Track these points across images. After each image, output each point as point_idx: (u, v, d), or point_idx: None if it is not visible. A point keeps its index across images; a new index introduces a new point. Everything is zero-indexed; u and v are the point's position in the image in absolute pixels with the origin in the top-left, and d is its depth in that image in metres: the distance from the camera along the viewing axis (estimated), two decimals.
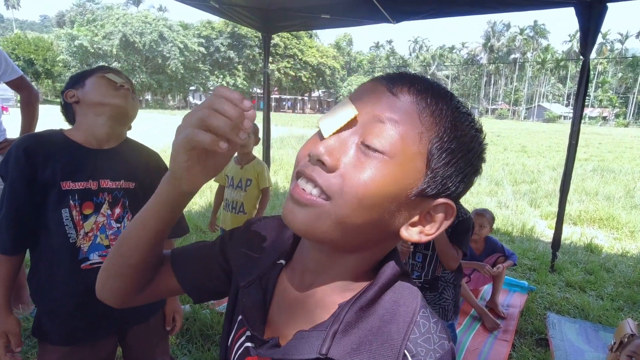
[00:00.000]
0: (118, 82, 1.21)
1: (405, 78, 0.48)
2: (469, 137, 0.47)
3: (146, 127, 17.97)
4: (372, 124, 0.45)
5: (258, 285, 0.56)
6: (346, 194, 0.44)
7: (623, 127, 54.83)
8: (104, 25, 40.87)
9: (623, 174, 9.97)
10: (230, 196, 2.76)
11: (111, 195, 1.20)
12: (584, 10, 3.28)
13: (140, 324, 1.31)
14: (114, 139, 1.25)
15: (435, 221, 0.48)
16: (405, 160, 0.44)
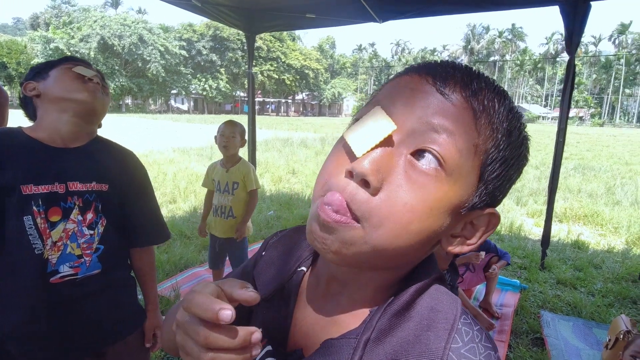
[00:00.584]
0: (87, 76, 1.08)
1: (455, 72, 0.41)
2: (520, 142, 0.42)
3: (127, 132, 17.58)
4: (423, 134, 0.38)
5: (279, 296, 0.52)
6: (388, 220, 0.38)
7: (598, 126, 56.65)
8: (80, 27, 39.85)
9: (603, 172, 10.22)
10: (218, 201, 2.65)
11: (81, 198, 1.07)
12: (568, 9, 3.31)
13: (118, 342, 1.19)
14: (82, 137, 1.12)
15: (477, 231, 0.44)
16: (460, 176, 0.39)
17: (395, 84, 0.43)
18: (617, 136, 29.71)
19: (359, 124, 0.40)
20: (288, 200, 5.93)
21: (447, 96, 0.39)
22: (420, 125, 0.38)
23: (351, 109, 76.20)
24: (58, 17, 43.21)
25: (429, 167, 0.38)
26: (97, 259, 1.11)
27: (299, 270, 0.53)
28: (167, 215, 4.93)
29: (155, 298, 1.31)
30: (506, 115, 0.40)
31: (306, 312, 0.50)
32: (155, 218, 1.28)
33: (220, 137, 2.59)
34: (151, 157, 9.63)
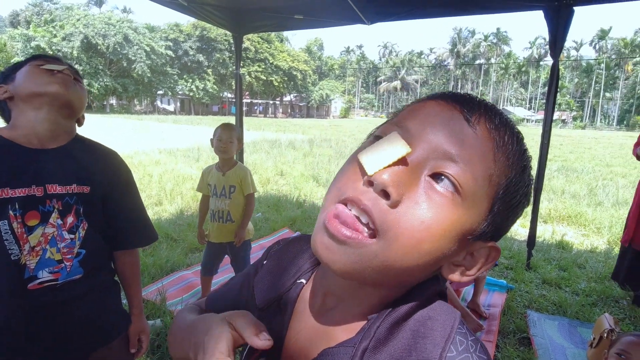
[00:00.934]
0: (56, 69, 1.04)
1: (480, 105, 0.43)
2: (527, 182, 0.44)
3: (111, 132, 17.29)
4: (444, 158, 0.40)
5: (277, 306, 0.53)
6: (402, 235, 0.38)
7: (580, 129, 58.07)
8: (63, 26, 39.01)
9: (585, 173, 10.45)
10: (215, 206, 2.59)
11: (61, 202, 1.03)
12: (552, 13, 3.37)
13: (102, 348, 1.15)
14: (61, 136, 1.07)
15: (476, 262, 0.45)
16: (474, 203, 0.40)
17: (420, 107, 0.44)
18: (598, 138, 30.48)
19: (374, 146, 0.40)
20: (276, 202, 5.90)
21: (472, 125, 0.40)
22: (442, 150, 0.40)
23: (339, 110, 76.41)
24: (39, 14, 42.20)
25: (446, 190, 0.39)
26: (79, 264, 1.07)
27: (299, 282, 0.53)
28: (153, 217, 4.85)
29: (140, 302, 1.28)
30: (521, 154, 0.43)
31: (301, 324, 0.51)
32: (141, 219, 1.24)
33: (218, 142, 2.55)
34: (136, 159, 9.47)
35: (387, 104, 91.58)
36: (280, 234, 4.53)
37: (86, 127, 1.25)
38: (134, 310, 1.26)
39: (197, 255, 3.75)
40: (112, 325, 1.18)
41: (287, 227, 4.75)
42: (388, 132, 0.42)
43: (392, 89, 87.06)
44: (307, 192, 6.79)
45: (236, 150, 2.61)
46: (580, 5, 3.32)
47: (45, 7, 43.36)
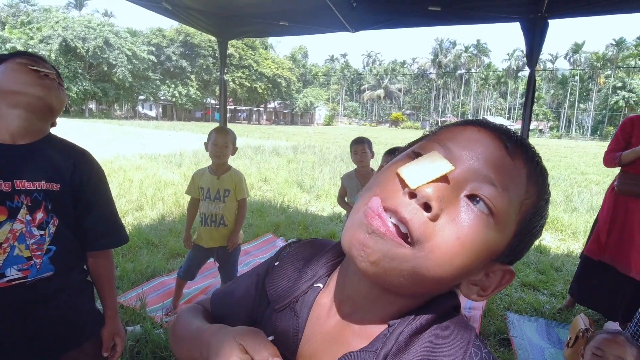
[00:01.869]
0: (43, 71, 1.04)
1: (517, 137, 0.46)
2: (547, 214, 0.48)
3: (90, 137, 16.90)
4: (482, 181, 0.42)
5: (292, 309, 0.53)
6: (438, 248, 0.40)
7: (557, 138, 60.03)
8: (40, 28, 37.98)
9: (562, 181, 10.79)
10: (207, 209, 2.56)
11: (29, 197, 1.01)
12: (528, 25, 3.50)
13: (74, 349, 1.11)
14: (32, 134, 1.06)
15: (492, 284, 0.47)
16: (505, 226, 0.43)
17: (461, 130, 0.46)
18: (574, 148, 31.56)
19: (416, 162, 0.42)
20: (260, 207, 5.87)
21: (510, 154, 0.43)
22: (482, 173, 0.42)
23: (323, 118, 76.76)
24: (15, 16, 40.96)
25: (482, 211, 0.41)
26: (49, 261, 1.04)
27: (315, 286, 0.54)
28: (133, 222, 4.75)
29: (114, 305, 1.25)
30: (546, 187, 0.46)
31: (317, 328, 0.51)
32: (112, 220, 1.22)
33: (214, 147, 2.52)
34: (116, 163, 9.27)
35: (370, 112, 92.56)
36: (264, 239, 4.50)
37: (64, 131, 1.23)
38: (108, 312, 1.23)
39: (179, 261, 3.69)
40: (84, 326, 1.15)
41: (271, 232, 4.73)
42: (429, 149, 0.44)
43: (376, 97, 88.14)
44: (290, 198, 6.77)
45: (231, 154, 2.61)
46: (554, 18, 3.46)
47: (22, 9, 42.17)
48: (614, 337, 1.58)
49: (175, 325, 0.64)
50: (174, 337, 0.63)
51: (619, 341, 1.55)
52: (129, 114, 51.48)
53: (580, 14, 3.52)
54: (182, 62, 48.70)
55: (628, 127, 2.86)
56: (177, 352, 0.61)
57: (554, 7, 3.37)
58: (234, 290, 0.65)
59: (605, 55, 67.51)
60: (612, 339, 1.57)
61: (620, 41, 65.26)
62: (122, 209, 5.33)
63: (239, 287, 0.65)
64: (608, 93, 64.06)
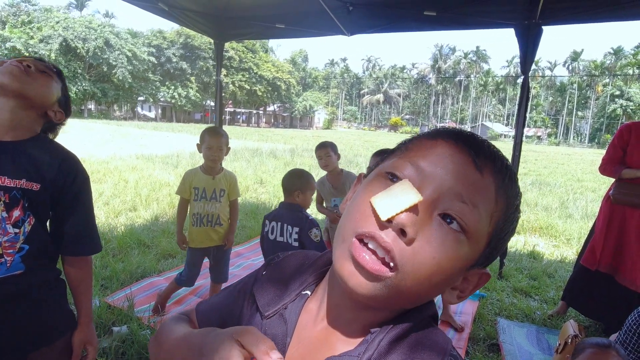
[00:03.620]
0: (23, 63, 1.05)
1: (486, 149, 0.47)
2: (518, 216, 0.49)
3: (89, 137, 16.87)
4: (453, 200, 0.43)
5: (281, 316, 0.55)
6: (416, 270, 0.43)
7: (555, 145, 60.25)
8: (41, 28, 37.99)
9: (557, 187, 10.81)
10: (202, 209, 2.56)
11: (8, 194, 1.01)
12: (522, 31, 3.52)
13: (44, 347, 1.09)
14: (19, 130, 1.06)
15: (470, 286, 0.50)
16: (477, 240, 0.45)
17: (431, 146, 0.47)
18: (571, 155, 31.63)
19: (387, 192, 0.43)
20: (254, 209, 5.85)
21: (479, 169, 0.45)
22: (453, 192, 0.43)
23: (322, 121, 76.89)
24: (16, 15, 40.97)
25: (454, 229, 0.43)
26: (20, 259, 1.03)
27: (303, 293, 0.56)
28: (126, 223, 4.73)
29: (89, 311, 1.22)
30: (516, 194, 0.48)
31: (304, 333, 0.53)
32: (88, 228, 1.21)
33: (208, 151, 2.52)
34: (112, 164, 9.26)
35: (369, 117, 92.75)
36: (257, 241, 4.48)
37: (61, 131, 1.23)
38: (82, 319, 1.21)
39: (170, 262, 3.67)
40: (54, 325, 1.14)
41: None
42: (401, 169, 0.46)
43: (375, 101, 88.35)
44: None
45: (225, 155, 2.62)
46: (548, 24, 3.48)
47: (22, 8, 42.18)
48: (603, 350, 1.54)
49: (159, 335, 0.62)
50: (157, 347, 0.61)
51: (610, 355, 1.51)
52: (128, 115, 51.45)
53: (575, 21, 3.54)
54: (182, 64, 48.78)
55: (625, 134, 2.84)
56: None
57: (548, 14, 3.39)
58: (220, 300, 0.67)
59: (604, 63, 67.93)
60: (601, 352, 1.53)
61: (618, 50, 65.69)
62: (116, 209, 5.31)
63: (226, 296, 0.66)
64: (606, 101, 64.39)
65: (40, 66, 1.11)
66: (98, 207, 5.33)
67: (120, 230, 4.38)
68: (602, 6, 3.19)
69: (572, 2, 3.33)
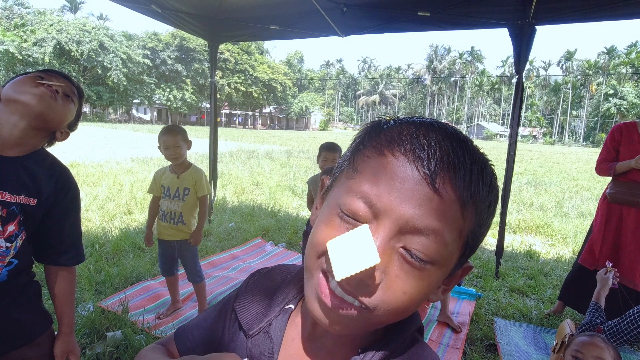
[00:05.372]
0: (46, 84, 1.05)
1: (443, 158, 0.40)
2: (494, 208, 0.46)
3: (84, 140, 16.77)
4: (413, 231, 0.40)
5: (266, 333, 0.53)
6: (389, 306, 0.42)
7: (550, 144, 60.60)
8: (34, 31, 37.73)
9: (553, 186, 10.85)
10: (167, 207, 2.60)
11: (6, 209, 1.01)
12: (516, 31, 3.53)
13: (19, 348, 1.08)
14: (23, 146, 1.07)
15: (454, 279, 0.49)
16: (446, 261, 0.43)
17: (382, 168, 0.41)
18: (566, 154, 31.80)
19: (344, 239, 0.39)
20: (250, 211, 5.83)
21: (438, 191, 0.39)
22: (410, 226, 0.40)
23: (318, 123, 76.92)
24: (9, 18, 40.70)
25: (417, 262, 0.40)
26: (7, 273, 1.03)
27: (287, 307, 0.54)
28: (121, 226, 4.69)
29: (72, 321, 1.22)
30: (487, 192, 0.43)
31: (292, 348, 0.52)
32: (75, 239, 1.23)
33: (165, 150, 2.53)
34: (107, 167, 9.20)
35: (366, 117, 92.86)
36: (253, 243, 4.46)
37: None
38: (64, 328, 1.20)
39: None
40: (29, 325, 1.13)
41: (260, 236, 4.69)
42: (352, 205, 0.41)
43: (371, 102, 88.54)
44: (282, 202, 6.74)
45: (186, 151, 2.61)
46: (541, 24, 3.49)
47: (15, 11, 41.94)
48: (593, 339, 1.59)
49: None
50: None
51: (597, 343, 1.57)
52: (124, 118, 51.23)
53: (568, 21, 3.54)
54: (177, 66, 48.64)
55: (617, 135, 2.87)
56: None
57: (541, 14, 3.40)
58: (201, 320, 0.65)
59: (597, 63, 68.44)
60: (591, 341, 1.58)
61: (611, 49, 66.23)
62: (111, 213, 5.27)
63: (207, 317, 0.64)
64: (600, 100, 64.86)
65: (67, 89, 1.12)
66: (92, 211, 5.28)
67: (114, 234, 4.34)
68: (595, 6, 3.20)
69: (565, 2, 3.34)
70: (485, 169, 0.43)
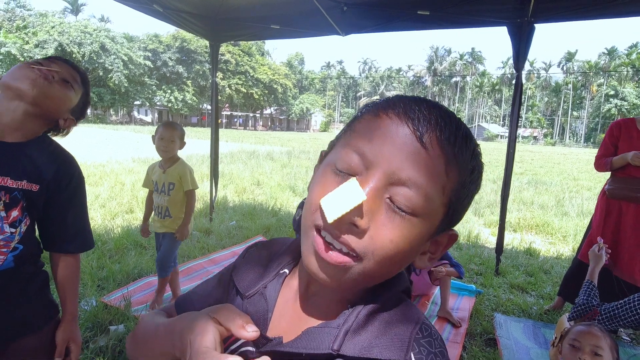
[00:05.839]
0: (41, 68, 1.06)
1: (431, 118, 0.44)
2: (477, 176, 0.49)
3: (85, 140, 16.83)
4: (398, 184, 0.43)
5: (261, 294, 0.56)
6: (377, 255, 0.44)
7: (551, 145, 60.57)
8: (36, 33, 37.87)
9: (553, 186, 10.87)
10: (156, 201, 2.71)
11: (9, 195, 1.02)
12: (515, 29, 3.55)
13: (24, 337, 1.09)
14: (23, 132, 1.07)
15: (440, 246, 0.52)
16: (430, 215, 0.45)
17: (375, 125, 0.46)
18: (567, 154, 31.80)
19: (334, 193, 0.43)
20: (251, 210, 5.85)
21: (424, 145, 0.43)
22: (396, 177, 0.43)
23: (319, 124, 76.97)
24: (11, 20, 40.88)
25: (404, 212, 0.43)
26: (13, 259, 1.05)
27: (282, 272, 0.58)
28: (123, 224, 4.72)
29: (75, 309, 1.22)
30: (470, 157, 0.47)
31: (286, 309, 0.55)
32: (82, 226, 1.23)
33: (160, 141, 2.61)
34: (109, 167, 9.24)
35: None
36: (254, 241, 4.47)
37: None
38: (67, 316, 1.20)
39: None
40: (34, 315, 1.14)
41: (261, 234, 4.72)
42: (346, 159, 0.45)
43: None
44: (283, 202, 6.77)
45: (178, 148, 2.68)
46: (540, 22, 3.51)
47: (17, 13, 42.12)
48: (590, 329, 1.61)
49: (136, 330, 0.62)
50: (134, 343, 0.61)
51: (594, 332, 1.59)
52: (125, 119, 51.35)
53: (566, 19, 3.57)
54: (178, 68, 48.77)
55: (615, 131, 2.89)
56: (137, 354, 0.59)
57: (539, 12, 3.42)
58: (198, 290, 0.67)
59: (598, 63, 68.43)
60: (588, 330, 1.60)
61: (612, 50, 66.22)
62: (113, 211, 5.30)
63: (205, 286, 0.67)
64: (601, 101, 64.83)
65: (66, 75, 1.12)
66: (94, 210, 5.31)
67: (116, 232, 4.37)
68: (594, 4, 3.22)
69: (564, 1, 3.36)
70: (468, 137, 0.47)
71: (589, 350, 1.57)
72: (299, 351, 0.47)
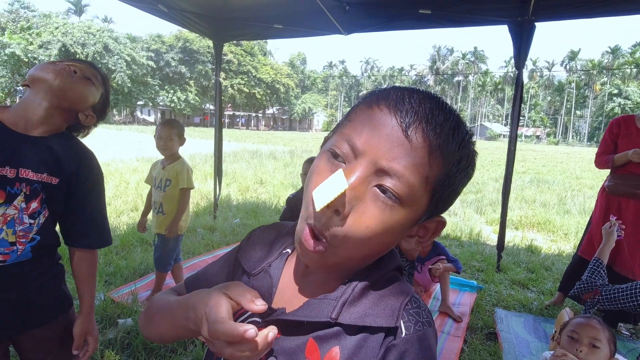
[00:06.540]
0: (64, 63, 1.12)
1: (419, 111, 0.47)
2: (467, 164, 0.51)
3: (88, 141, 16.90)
4: (384, 172, 0.46)
5: (266, 272, 0.61)
6: (350, 240, 0.48)
7: (554, 144, 60.32)
8: (40, 33, 38.06)
9: (556, 185, 10.87)
10: (153, 197, 2.78)
11: (30, 187, 1.06)
12: (516, 28, 3.58)
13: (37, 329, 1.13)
14: (47, 126, 1.11)
15: (428, 231, 0.56)
16: (413, 203, 0.48)
17: (368, 115, 0.49)
18: (570, 154, 31.67)
19: (324, 184, 0.47)
20: (255, 208, 5.91)
21: (409, 137, 0.46)
22: (381, 166, 0.46)
23: (321, 124, 76.97)
24: (15, 21, 41.10)
25: (387, 199, 0.47)
26: (30, 249, 1.09)
27: (284, 252, 0.63)
28: (128, 222, 4.78)
29: (92, 302, 1.25)
30: (457, 147, 0.48)
31: (288, 284, 0.60)
32: (100, 222, 1.26)
33: (158, 140, 2.68)
34: (113, 166, 9.31)
35: None
36: None
37: None
38: (84, 309, 1.23)
39: None
40: (47, 307, 1.17)
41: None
42: (339, 146, 0.50)
43: None
44: (285, 200, 6.81)
45: (178, 146, 2.73)
46: (541, 21, 3.54)
47: (21, 14, 42.33)
48: (589, 321, 1.64)
49: (150, 307, 0.67)
50: (149, 318, 0.66)
51: (593, 324, 1.61)
52: (128, 119, 51.55)
53: (567, 17, 3.59)
54: (181, 68, 48.88)
55: (615, 128, 2.92)
56: (155, 330, 0.64)
57: (540, 11, 3.45)
58: (207, 270, 0.72)
59: (601, 62, 68.11)
60: (587, 323, 1.63)
61: (615, 48, 65.89)
62: (118, 209, 5.36)
63: (212, 267, 0.72)
64: (604, 100, 64.51)
65: (87, 72, 1.17)
66: None
67: (122, 229, 4.43)
68: (595, 2, 3.25)
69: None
70: (458, 128, 0.49)
71: (587, 342, 1.60)
72: (301, 319, 0.52)
